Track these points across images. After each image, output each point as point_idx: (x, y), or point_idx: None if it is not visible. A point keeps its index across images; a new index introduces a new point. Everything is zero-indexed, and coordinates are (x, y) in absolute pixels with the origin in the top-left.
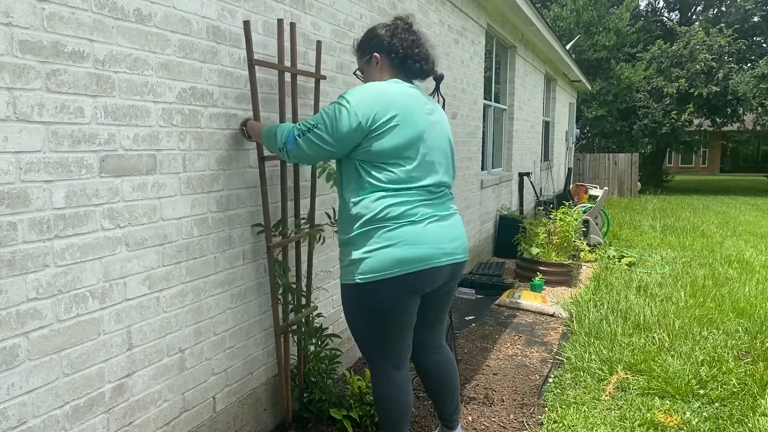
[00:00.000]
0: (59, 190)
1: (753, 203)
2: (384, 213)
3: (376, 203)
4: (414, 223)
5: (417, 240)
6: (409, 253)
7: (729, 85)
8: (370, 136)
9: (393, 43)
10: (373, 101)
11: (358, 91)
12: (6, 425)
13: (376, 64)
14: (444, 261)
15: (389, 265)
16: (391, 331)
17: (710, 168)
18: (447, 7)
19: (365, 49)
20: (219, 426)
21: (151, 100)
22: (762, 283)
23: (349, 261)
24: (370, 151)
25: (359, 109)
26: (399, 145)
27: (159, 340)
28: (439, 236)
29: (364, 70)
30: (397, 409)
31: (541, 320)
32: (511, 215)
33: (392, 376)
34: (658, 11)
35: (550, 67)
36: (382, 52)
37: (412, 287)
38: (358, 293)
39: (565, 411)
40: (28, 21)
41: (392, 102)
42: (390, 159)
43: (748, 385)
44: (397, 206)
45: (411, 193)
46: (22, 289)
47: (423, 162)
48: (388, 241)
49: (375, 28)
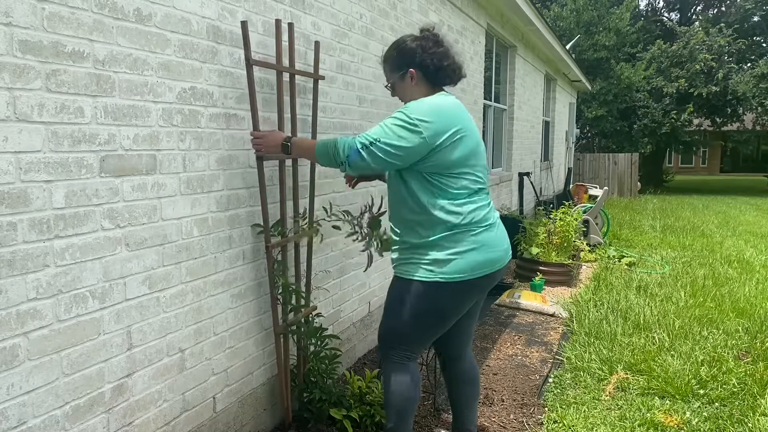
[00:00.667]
0: (59, 190)
1: (753, 203)
2: (470, 218)
3: (463, 208)
4: (491, 227)
5: (493, 244)
6: (488, 256)
7: (729, 85)
8: (437, 150)
9: (425, 59)
10: (437, 118)
11: (421, 108)
12: (6, 425)
13: (411, 80)
14: (505, 262)
15: (473, 267)
16: (436, 328)
17: (710, 168)
18: (447, 7)
19: (398, 66)
20: (219, 426)
21: (151, 100)
22: (762, 283)
23: (431, 260)
24: (438, 164)
25: (423, 127)
26: (465, 155)
27: (159, 340)
28: (503, 239)
29: (396, 85)
30: (407, 399)
31: (541, 320)
32: (511, 215)
33: (409, 366)
34: (658, 11)
35: (550, 67)
36: (415, 68)
37: (482, 288)
38: (431, 290)
39: (565, 411)
40: (28, 21)
41: (454, 116)
42: (460, 168)
43: (748, 385)
44: (478, 210)
45: (483, 197)
46: (22, 289)
47: (483, 166)
48: (475, 245)
49: (404, 42)
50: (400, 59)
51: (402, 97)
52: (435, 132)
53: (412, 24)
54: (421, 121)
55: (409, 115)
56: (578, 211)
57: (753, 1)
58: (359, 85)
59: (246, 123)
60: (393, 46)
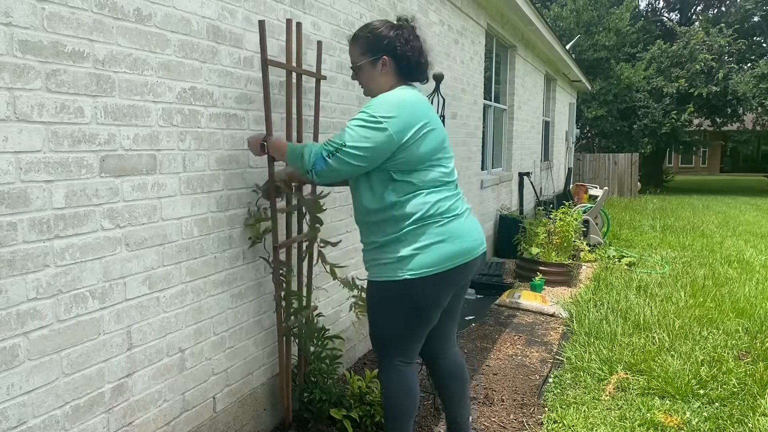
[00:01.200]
0: (59, 190)
1: (753, 203)
2: (434, 209)
3: (426, 199)
4: (458, 216)
5: (462, 234)
6: (457, 247)
7: (729, 85)
8: (404, 147)
9: (405, 51)
10: (401, 114)
11: (384, 104)
12: (6, 425)
13: (383, 67)
14: (479, 252)
15: (440, 260)
16: (419, 326)
17: (710, 168)
18: (447, 7)
19: (371, 50)
20: (219, 426)
21: (151, 100)
22: (762, 283)
23: (396, 258)
24: (406, 160)
25: (388, 123)
26: (433, 149)
27: (159, 340)
28: (473, 228)
29: (364, 69)
30: (406, 404)
31: (541, 320)
32: (511, 215)
33: (405, 371)
34: (658, 11)
35: (550, 67)
36: (390, 57)
37: (455, 280)
38: (402, 289)
39: (565, 411)
40: (28, 21)
41: (419, 111)
42: (426, 162)
43: (748, 385)
44: (444, 201)
45: (449, 188)
46: (22, 289)
47: (450, 159)
48: (440, 237)
49: (380, 28)
50: (375, 44)
51: (365, 82)
52: (401, 128)
53: None
54: (386, 118)
55: (373, 113)
56: (578, 211)
57: (753, 1)
58: (359, 85)
59: (246, 123)
60: (367, 29)
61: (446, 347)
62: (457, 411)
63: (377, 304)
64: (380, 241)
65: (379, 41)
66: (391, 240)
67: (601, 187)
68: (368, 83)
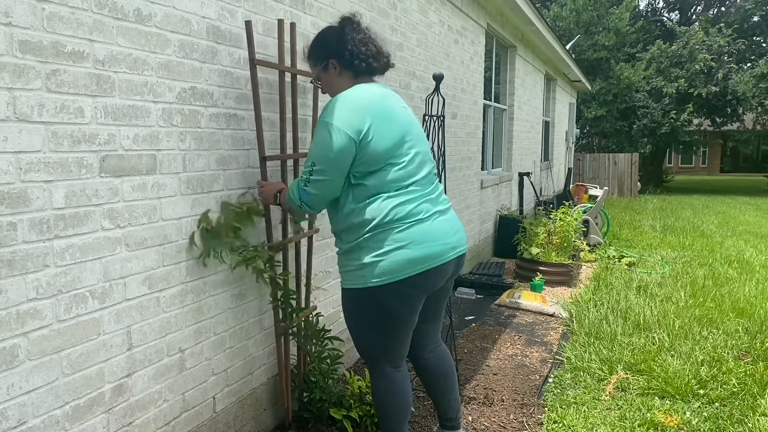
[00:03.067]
0: (59, 190)
1: (753, 203)
2: (392, 215)
3: (382, 205)
4: (422, 221)
5: (426, 238)
6: (420, 252)
7: (728, 85)
8: (364, 145)
9: (343, 45)
10: (351, 113)
11: (332, 108)
12: (6, 425)
13: (334, 70)
14: (451, 255)
15: (402, 266)
16: (397, 331)
17: (710, 168)
18: (447, 7)
19: (318, 57)
20: (219, 426)
21: (151, 100)
22: (762, 283)
23: (359, 265)
24: (364, 161)
25: (344, 125)
26: (389, 147)
27: (159, 340)
28: (445, 231)
29: (321, 78)
30: (398, 409)
31: (541, 320)
32: (511, 215)
33: (394, 376)
34: (657, 11)
35: (550, 67)
36: (335, 57)
37: (424, 286)
38: (369, 296)
39: (565, 411)
40: (28, 21)
41: (369, 106)
42: (383, 162)
43: (748, 385)
44: (402, 206)
45: (411, 190)
46: (22, 289)
47: (414, 156)
48: (400, 243)
49: (323, 33)
50: (320, 50)
51: (329, 90)
52: (355, 127)
53: (412, 24)
54: (339, 120)
55: (326, 120)
56: (578, 211)
57: (753, 1)
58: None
59: (246, 123)
60: (313, 40)
61: (426, 348)
62: (447, 406)
63: (350, 312)
64: (345, 247)
65: (323, 47)
66: (353, 247)
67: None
68: (328, 89)
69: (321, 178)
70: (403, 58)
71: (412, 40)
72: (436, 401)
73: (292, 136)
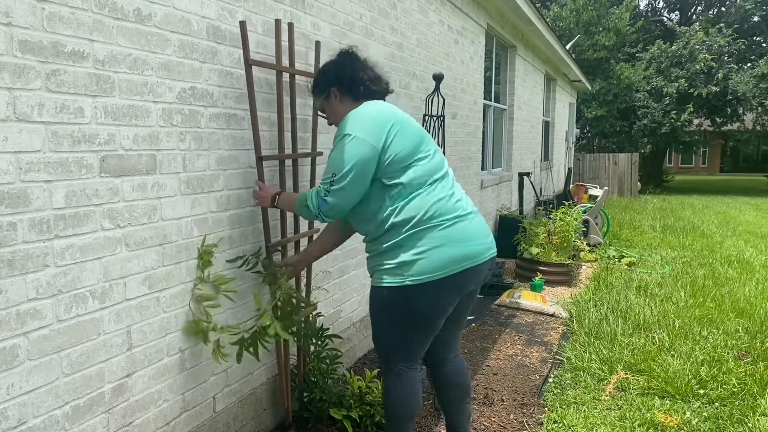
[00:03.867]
0: (59, 190)
1: (753, 203)
2: (433, 210)
3: (423, 201)
4: (461, 219)
5: (466, 237)
6: (461, 251)
7: (729, 85)
8: (385, 150)
9: (342, 72)
10: (367, 120)
11: (348, 121)
12: (6, 425)
13: (336, 98)
14: (486, 256)
15: (443, 264)
16: (424, 332)
17: (710, 168)
18: (447, 7)
19: (320, 87)
20: (219, 426)
21: (151, 100)
22: (762, 283)
23: (398, 263)
24: (390, 162)
25: (365, 134)
26: (414, 143)
27: (159, 340)
28: (481, 231)
29: (325, 108)
30: (407, 409)
31: (541, 320)
32: (511, 215)
33: (408, 376)
34: (658, 11)
35: (550, 67)
36: (335, 84)
37: (461, 286)
38: (403, 294)
39: (565, 411)
40: (28, 21)
41: (383, 114)
42: (411, 158)
43: (748, 385)
44: (442, 201)
45: (443, 185)
46: (22, 289)
47: (435, 152)
48: (441, 241)
49: (323, 66)
50: (322, 83)
51: (334, 119)
52: (373, 132)
53: (412, 24)
54: (357, 129)
55: (345, 133)
56: (578, 211)
57: (753, 2)
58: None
59: (246, 123)
60: (314, 76)
61: (448, 354)
62: (456, 419)
63: (379, 309)
64: (382, 247)
65: (324, 78)
66: (392, 246)
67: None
68: (332, 116)
69: (343, 187)
70: (403, 58)
71: (412, 39)
72: (448, 412)
73: (291, 136)
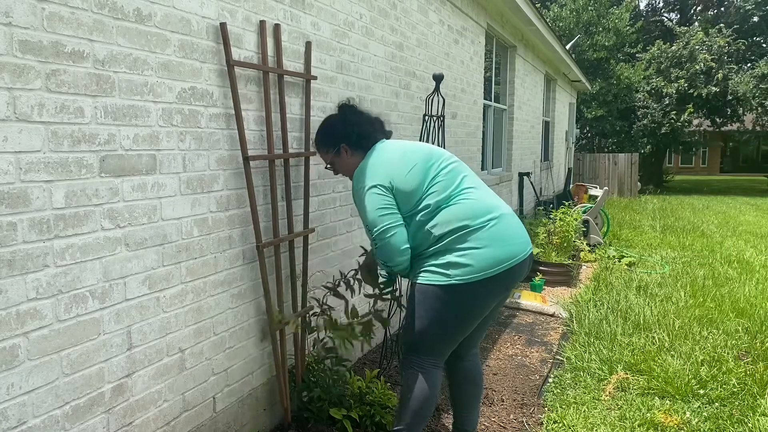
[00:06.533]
0: (59, 190)
1: (753, 203)
2: (471, 213)
3: (457, 210)
4: (499, 219)
5: (507, 237)
6: (503, 251)
7: (728, 86)
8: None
9: (349, 129)
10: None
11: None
12: (6, 425)
13: (346, 153)
14: (525, 254)
15: (488, 265)
16: (461, 329)
17: (710, 168)
18: (447, 7)
19: (329, 144)
20: (219, 426)
21: (151, 100)
22: (762, 283)
23: (444, 264)
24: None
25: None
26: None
27: (159, 340)
28: (518, 230)
29: (336, 163)
30: (425, 405)
31: (541, 320)
32: None
33: (433, 372)
34: (657, 11)
35: (550, 67)
36: (344, 141)
37: (504, 285)
38: (448, 293)
39: (565, 411)
40: (28, 21)
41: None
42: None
43: (748, 385)
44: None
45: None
46: (22, 289)
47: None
48: (485, 242)
49: (326, 122)
50: (328, 139)
51: (347, 172)
52: (391, 175)
53: (412, 24)
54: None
55: (361, 186)
56: (578, 211)
57: (753, 2)
58: (359, 85)
59: (246, 123)
60: (320, 132)
61: (471, 349)
62: (467, 416)
63: (421, 305)
64: (428, 252)
65: (330, 136)
66: (436, 250)
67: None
68: (344, 170)
69: (387, 236)
70: (403, 58)
71: (412, 40)
72: (461, 408)
73: (282, 135)
